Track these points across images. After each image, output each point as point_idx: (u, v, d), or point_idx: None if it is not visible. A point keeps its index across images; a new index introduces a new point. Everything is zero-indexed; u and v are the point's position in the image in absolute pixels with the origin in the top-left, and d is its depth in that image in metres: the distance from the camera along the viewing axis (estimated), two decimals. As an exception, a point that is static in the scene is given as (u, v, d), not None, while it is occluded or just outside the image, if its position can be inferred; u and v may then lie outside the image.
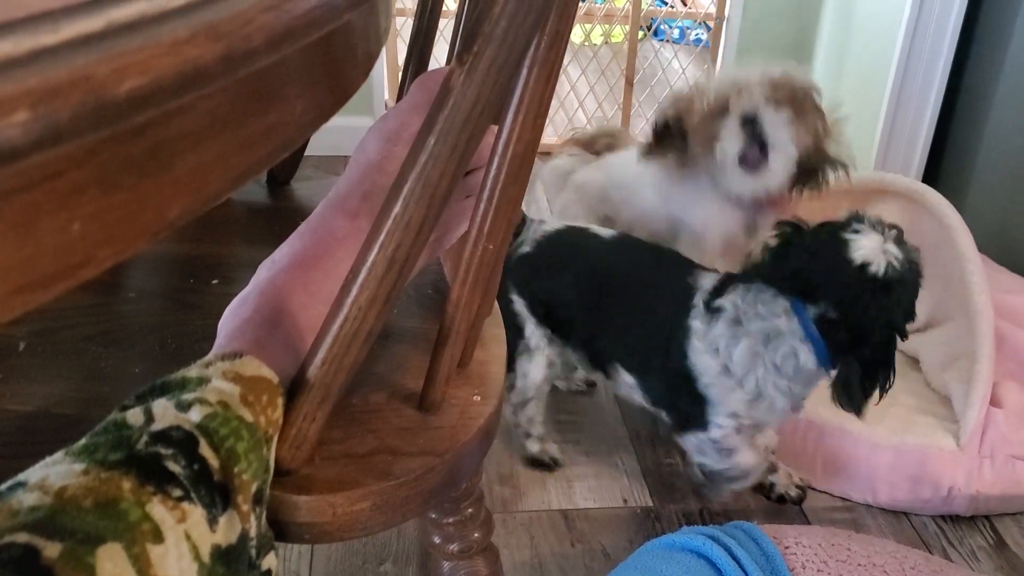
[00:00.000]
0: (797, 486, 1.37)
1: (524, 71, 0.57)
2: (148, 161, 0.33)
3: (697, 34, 3.40)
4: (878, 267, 1.05)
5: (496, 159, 0.60)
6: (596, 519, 1.33)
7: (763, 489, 1.38)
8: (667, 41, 3.45)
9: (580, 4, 2.59)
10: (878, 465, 1.35)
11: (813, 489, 1.40)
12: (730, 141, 1.30)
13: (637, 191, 1.54)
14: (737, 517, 1.32)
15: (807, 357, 1.11)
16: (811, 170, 1.34)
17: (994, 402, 1.37)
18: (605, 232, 1.34)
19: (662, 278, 1.26)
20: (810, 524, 1.34)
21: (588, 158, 1.72)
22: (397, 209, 0.53)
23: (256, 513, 0.53)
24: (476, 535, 0.80)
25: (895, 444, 1.34)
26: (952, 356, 1.46)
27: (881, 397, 1.11)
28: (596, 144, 1.73)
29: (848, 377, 1.08)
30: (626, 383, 1.28)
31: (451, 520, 0.79)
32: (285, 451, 0.60)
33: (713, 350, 1.17)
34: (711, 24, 2.60)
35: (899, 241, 1.08)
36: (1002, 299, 1.56)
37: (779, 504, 1.37)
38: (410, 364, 0.75)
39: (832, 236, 1.09)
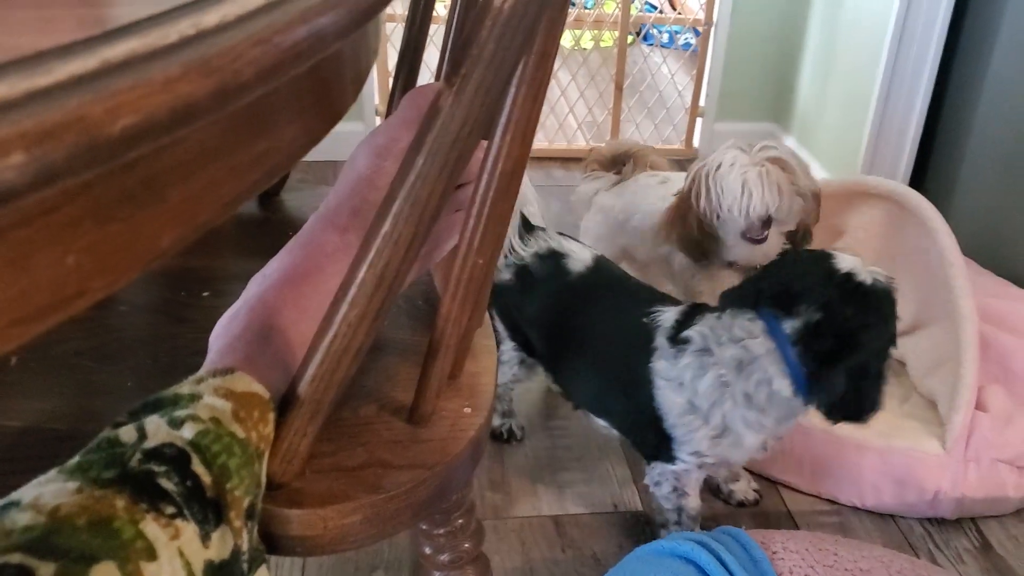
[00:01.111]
0: (755, 490, 1.41)
1: (512, 90, 0.58)
2: (141, 193, 0.34)
3: (686, 39, 3.42)
4: (864, 277, 1.05)
5: (485, 176, 0.61)
6: (587, 525, 1.33)
7: (722, 495, 1.40)
8: (656, 46, 3.46)
9: (570, 10, 2.60)
10: (864, 468, 1.36)
11: (801, 492, 1.42)
12: (734, 221, 1.37)
13: (652, 224, 1.57)
14: (725, 522, 1.33)
15: (782, 383, 1.06)
16: (799, 229, 1.44)
17: (979, 406, 1.38)
18: (580, 261, 1.30)
19: (621, 324, 1.22)
20: (798, 528, 1.35)
21: (611, 179, 1.73)
22: (386, 227, 0.53)
23: (248, 528, 0.53)
24: (466, 545, 0.81)
25: (881, 448, 1.36)
26: (937, 360, 1.47)
27: (871, 413, 1.07)
28: (616, 162, 1.74)
29: (834, 387, 1.04)
30: (596, 420, 1.30)
31: (441, 531, 0.80)
32: (276, 466, 0.61)
33: (678, 385, 1.14)
34: (700, 29, 2.61)
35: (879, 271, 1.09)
36: (987, 303, 1.58)
37: (738, 508, 1.40)
38: (400, 377, 0.76)
39: (815, 253, 1.10)
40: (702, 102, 2.66)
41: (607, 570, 1.08)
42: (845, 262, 1.06)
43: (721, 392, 1.10)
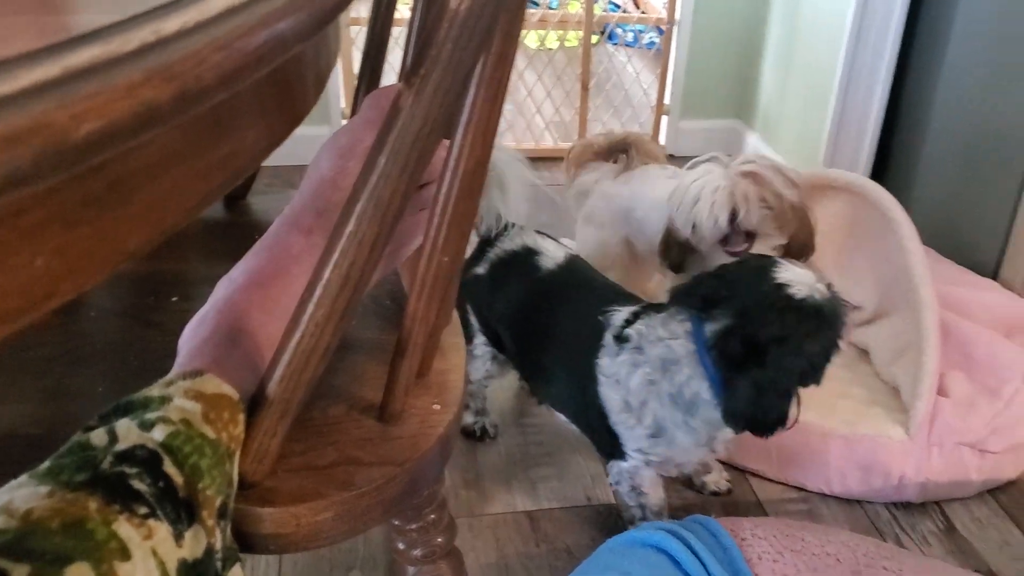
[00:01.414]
0: (726, 480, 1.42)
1: (471, 91, 0.59)
2: (107, 196, 0.34)
3: (650, 38, 3.45)
4: (797, 291, 1.02)
5: (447, 175, 0.62)
6: (560, 519, 1.35)
7: (695, 486, 1.42)
8: (621, 45, 3.49)
9: (534, 10, 2.61)
10: (831, 456, 1.39)
11: (769, 480, 1.44)
12: (700, 228, 1.38)
13: (654, 216, 1.58)
14: (697, 512, 1.35)
15: (700, 385, 1.06)
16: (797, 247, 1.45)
17: (941, 392, 1.41)
18: (552, 259, 1.32)
19: (580, 321, 1.23)
20: (767, 515, 1.37)
21: (612, 168, 1.74)
22: (350, 227, 0.54)
23: (221, 527, 0.54)
24: (439, 540, 0.82)
25: (846, 435, 1.38)
26: (900, 348, 1.50)
27: (772, 430, 1.05)
28: (612, 151, 1.75)
29: (738, 396, 1.03)
30: (559, 416, 1.32)
31: (414, 526, 0.81)
32: (248, 465, 0.61)
33: (615, 382, 1.14)
34: (663, 28, 2.64)
35: (831, 289, 1.06)
36: (948, 291, 1.61)
37: (712, 497, 1.41)
38: (369, 375, 0.77)
39: (764, 260, 1.08)
40: (667, 100, 2.69)
41: (581, 563, 1.09)
42: (786, 273, 1.04)
43: (649, 391, 1.11)
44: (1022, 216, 1.77)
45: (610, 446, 1.21)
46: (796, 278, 1.03)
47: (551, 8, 2.88)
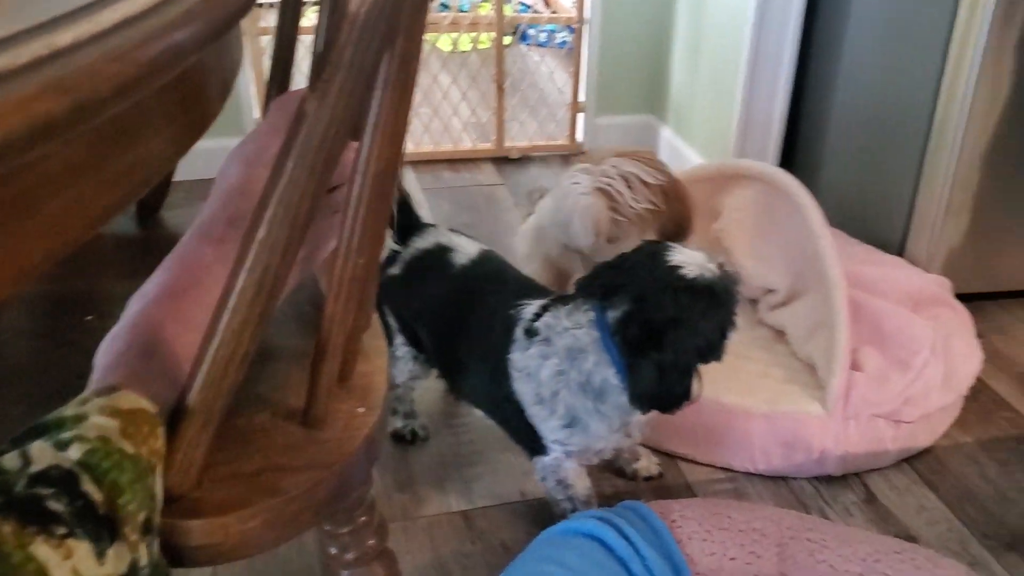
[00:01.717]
0: (657, 464, 1.45)
1: (378, 92, 0.60)
2: (9, 210, 0.34)
3: (563, 37, 3.48)
4: (689, 272, 1.06)
5: (358, 177, 0.63)
6: (495, 516, 1.36)
7: (625, 475, 1.45)
8: (534, 45, 3.52)
9: (445, 13, 2.62)
10: (754, 435, 1.43)
11: (697, 463, 1.48)
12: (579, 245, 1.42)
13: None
14: (629, 499, 1.37)
15: (607, 371, 1.09)
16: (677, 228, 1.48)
17: (855, 367, 1.47)
18: (465, 255, 1.33)
19: (493, 316, 1.24)
20: (696, 497, 1.41)
21: None
22: (261, 233, 0.55)
23: (146, 542, 0.54)
24: (371, 542, 0.82)
25: (768, 413, 1.43)
26: (813, 327, 1.56)
27: (676, 407, 1.09)
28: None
29: (642, 378, 1.06)
30: (479, 414, 1.34)
31: (345, 530, 0.81)
32: (172, 478, 0.61)
33: (527, 375, 1.16)
34: (574, 27, 2.67)
35: (723, 268, 1.10)
36: (857, 270, 1.67)
37: (645, 482, 1.44)
38: (292, 382, 0.77)
39: (657, 245, 1.12)
40: (582, 98, 2.72)
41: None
42: (679, 256, 1.08)
43: (559, 381, 1.13)
44: (923, 194, 1.84)
45: (530, 440, 1.22)
46: (687, 260, 1.07)
47: (462, 11, 2.89)
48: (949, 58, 1.72)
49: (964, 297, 1.80)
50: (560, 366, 1.13)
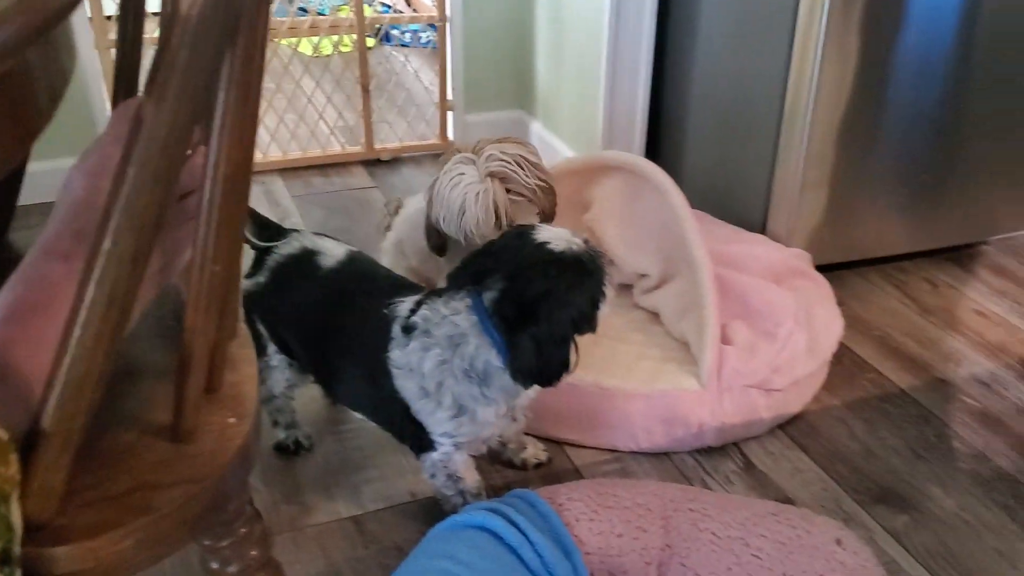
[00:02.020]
0: (543, 450, 1.47)
1: (221, 94, 0.59)
2: None
3: (427, 36, 3.48)
4: (555, 246, 1.10)
5: (208, 182, 0.62)
6: (386, 519, 1.35)
7: (514, 465, 1.46)
8: (398, 46, 3.51)
9: (304, 17, 2.58)
10: (635, 414, 1.47)
11: (583, 447, 1.50)
12: (472, 235, 1.37)
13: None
14: (518, 488, 1.39)
15: (489, 353, 1.11)
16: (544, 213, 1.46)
17: (725, 341, 1.53)
18: (333, 257, 1.32)
19: (366, 317, 1.24)
20: (584, 479, 1.43)
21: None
22: (107, 244, 0.53)
23: (4, 573, 0.52)
24: (254, 553, 0.81)
25: (647, 392, 1.46)
26: (684, 306, 1.61)
27: (557, 378, 1.12)
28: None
29: (522, 353, 1.08)
30: (359, 417, 1.34)
31: (226, 543, 0.80)
32: (32, 505, 0.59)
33: (409, 371, 1.17)
34: (436, 25, 2.67)
35: (587, 243, 1.14)
36: (722, 249, 1.73)
37: (535, 470, 1.46)
38: (159, 398, 0.75)
39: (522, 228, 1.15)
40: (449, 96, 2.73)
41: (409, 556, 1.10)
42: (544, 233, 1.12)
43: (443, 371, 1.14)
44: (779, 174, 1.92)
45: (417, 438, 1.22)
46: (553, 236, 1.11)
47: (321, 14, 2.86)
48: (796, 42, 1.80)
49: (823, 268, 1.89)
50: (443, 355, 1.14)
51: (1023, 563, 1.27)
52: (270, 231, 1.36)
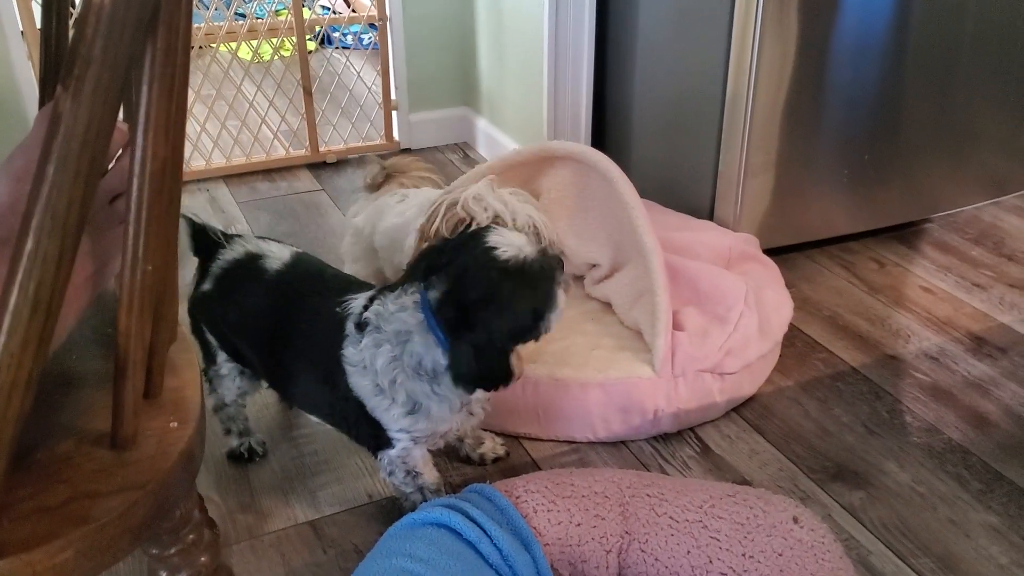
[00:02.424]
0: (502, 445, 1.47)
1: (144, 88, 0.58)
2: None
3: (369, 37, 3.45)
4: (503, 253, 1.06)
5: (135, 180, 0.60)
6: (344, 522, 1.34)
7: (472, 461, 1.45)
8: (338, 47, 3.48)
9: (242, 22, 2.54)
10: (591, 404, 1.46)
11: (540, 440, 1.50)
12: None
13: (393, 245, 1.57)
14: (476, 483, 1.38)
15: (435, 351, 1.10)
16: None
17: (677, 327, 1.53)
18: (278, 260, 1.29)
19: (318, 317, 1.22)
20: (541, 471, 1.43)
21: (366, 200, 1.74)
22: (29, 245, 0.51)
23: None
24: (203, 559, 0.79)
25: (602, 382, 1.46)
26: (636, 294, 1.61)
27: (494, 388, 1.10)
28: (377, 184, 1.74)
29: (460, 358, 1.07)
30: (314, 421, 1.32)
31: (173, 551, 0.78)
32: (-37, 521, 0.57)
33: (363, 368, 1.15)
34: (376, 24, 2.65)
35: (543, 250, 1.11)
36: (671, 236, 1.74)
37: (493, 464, 1.45)
38: (97, 407, 0.73)
39: (479, 229, 1.13)
40: (393, 96, 2.71)
41: (368, 557, 1.09)
42: (496, 237, 1.08)
43: (395, 367, 1.13)
44: (724, 160, 1.94)
45: (374, 437, 1.21)
46: (505, 241, 1.08)
47: (259, 18, 2.82)
48: (734, 28, 1.82)
49: (772, 251, 1.92)
50: (393, 351, 1.12)
51: (975, 532, 1.30)
52: (210, 238, 1.33)
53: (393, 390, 1.14)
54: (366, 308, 1.16)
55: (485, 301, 1.05)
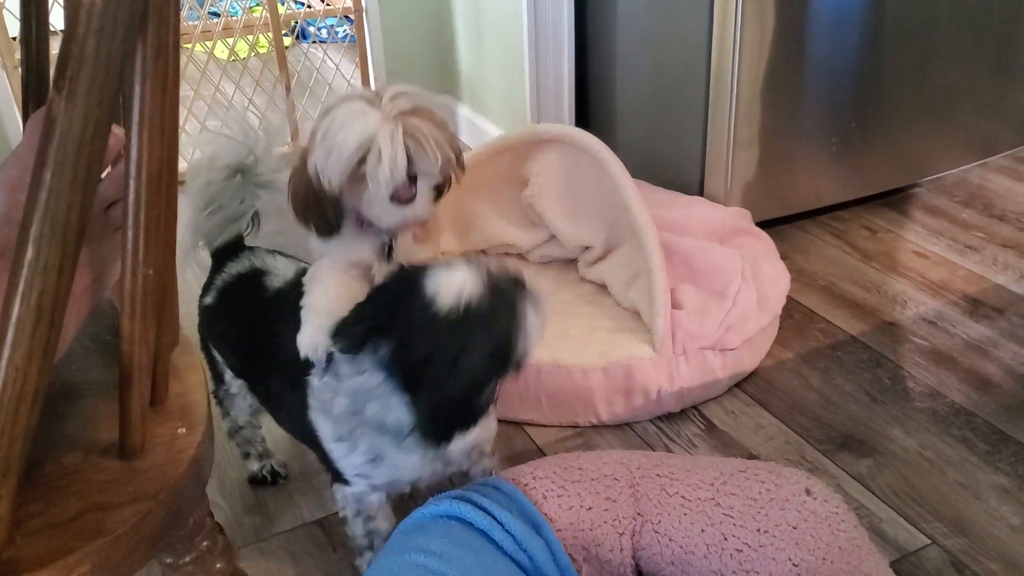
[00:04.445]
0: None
1: (137, 86, 0.56)
2: None
3: (345, 30, 3.42)
4: (442, 301, 0.92)
5: (132, 181, 0.58)
6: (353, 518, 1.33)
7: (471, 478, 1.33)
8: (315, 42, 3.44)
9: (217, 20, 2.51)
10: (593, 388, 1.46)
11: (544, 426, 1.49)
12: (378, 184, 1.05)
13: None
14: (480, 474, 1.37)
15: (400, 410, 0.97)
16: (445, 181, 1.17)
17: (675, 305, 1.52)
18: (280, 278, 1.20)
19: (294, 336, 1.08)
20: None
21: None
22: (29, 255, 0.50)
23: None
24: (219, 566, 0.78)
25: (603, 365, 1.46)
26: (632, 275, 1.60)
27: (467, 429, 0.97)
28: None
29: (419, 417, 0.95)
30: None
31: (188, 559, 0.77)
32: (-24, 540, 0.55)
33: (323, 410, 1.05)
34: (352, 17, 2.63)
35: (494, 282, 0.95)
36: (663, 214, 1.73)
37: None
38: (102, 417, 0.72)
39: (413, 273, 0.97)
40: (374, 87, 2.69)
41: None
42: (434, 281, 0.94)
43: (354, 420, 1.03)
44: (711, 135, 1.93)
45: (333, 468, 1.11)
46: (443, 285, 0.93)
47: (233, 15, 2.79)
48: (716, 1, 1.81)
49: (763, 224, 1.91)
50: (351, 407, 1.02)
51: (985, 493, 1.30)
52: (232, 242, 1.27)
53: (353, 439, 1.05)
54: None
55: (431, 360, 0.92)
